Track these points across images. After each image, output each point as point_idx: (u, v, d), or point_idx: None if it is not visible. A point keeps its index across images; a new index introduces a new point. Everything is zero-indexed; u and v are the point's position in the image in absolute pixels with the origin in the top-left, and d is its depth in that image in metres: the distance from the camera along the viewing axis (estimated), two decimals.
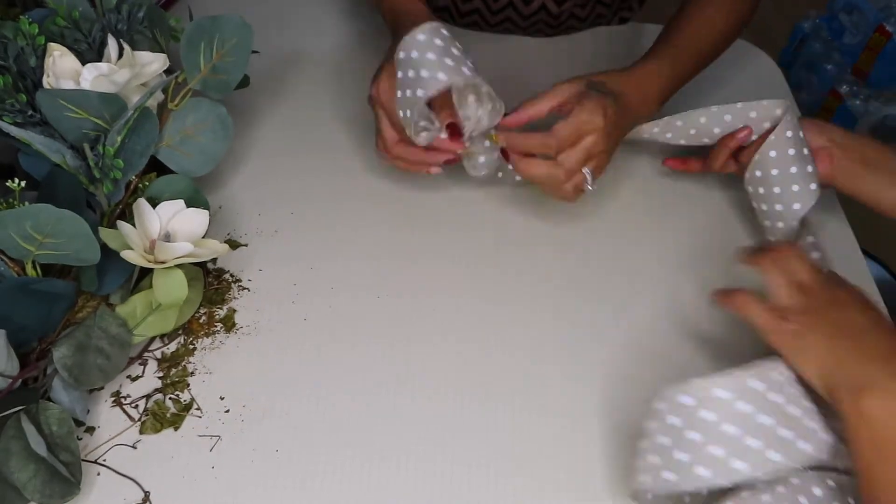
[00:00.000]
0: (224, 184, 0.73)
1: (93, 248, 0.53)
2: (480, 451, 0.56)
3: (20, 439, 0.49)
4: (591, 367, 0.62)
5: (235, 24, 0.64)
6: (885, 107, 1.89)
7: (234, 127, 0.66)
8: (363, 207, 0.72)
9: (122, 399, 0.57)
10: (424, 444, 0.56)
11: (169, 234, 0.58)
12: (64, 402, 0.53)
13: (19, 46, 0.59)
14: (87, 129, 0.58)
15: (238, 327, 0.62)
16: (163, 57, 0.63)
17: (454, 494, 0.53)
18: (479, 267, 0.68)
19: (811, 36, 2.07)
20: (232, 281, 0.65)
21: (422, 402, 0.58)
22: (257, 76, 0.71)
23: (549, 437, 0.57)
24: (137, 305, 0.58)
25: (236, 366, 0.59)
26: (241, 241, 0.68)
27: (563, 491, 0.54)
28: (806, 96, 2.07)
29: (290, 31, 0.89)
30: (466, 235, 0.70)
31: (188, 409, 0.56)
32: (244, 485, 0.53)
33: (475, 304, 0.65)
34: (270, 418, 0.56)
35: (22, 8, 0.69)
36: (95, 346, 0.55)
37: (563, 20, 0.90)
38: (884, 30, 1.84)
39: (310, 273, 0.66)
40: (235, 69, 0.65)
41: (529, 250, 0.70)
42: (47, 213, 0.50)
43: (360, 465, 0.54)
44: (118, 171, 0.58)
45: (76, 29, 0.62)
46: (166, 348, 0.60)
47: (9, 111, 0.58)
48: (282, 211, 0.71)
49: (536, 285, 0.67)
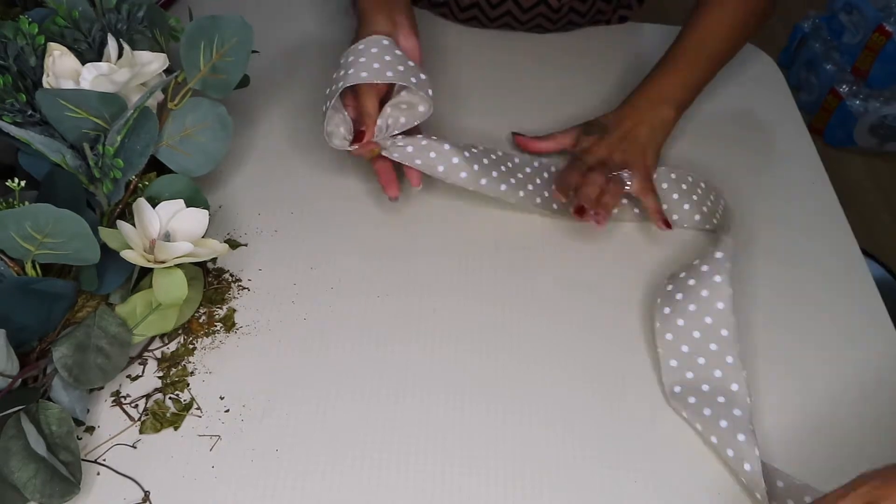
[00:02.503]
0: (224, 184, 0.72)
1: (93, 247, 0.53)
2: (481, 452, 0.56)
3: (20, 439, 0.49)
4: (591, 367, 0.62)
5: (235, 24, 0.64)
6: (884, 107, 1.90)
7: (234, 127, 0.66)
8: (363, 207, 0.72)
9: (122, 399, 0.57)
10: (424, 445, 0.56)
11: (169, 234, 0.58)
12: (64, 401, 0.53)
13: (19, 46, 0.59)
14: (86, 129, 0.58)
15: (238, 327, 0.62)
16: (163, 57, 0.63)
17: (454, 495, 0.53)
18: (479, 267, 0.68)
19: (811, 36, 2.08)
20: (232, 281, 0.65)
21: (422, 402, 0.58)
22: (257, 76, 0.71)
23: (550, 437, 0.57)
24: (137, 305, 0.58)
25: (236, 366, 0.59)
26: (241, 241, 0.68)
27: (563, 491, 0.54)
28: (806, 96, 2.07)
29: (290, 31, 0.89)
30: (467, 235, 0.70)
31: (188, 408, 0.56)
32: (244, 485, 0.53)
33: (475, 305, 0.65)
34: (270, 418, 0.56)
35: (22, 8, 0.69)
36: (95, 345, 0.55)
37: (563, 14, 0.90)
38: (883, 30, 1.85)
39: (310, 273, 0.66)
40: (235, 69, 0.65)
41: (530, 251, 0.70)
42: (47, 212, 0.50)
43: (359, 465, 0.54)
44: (118, 171, 0.58)
45: (76, 29, 0.62)
46: (166, 348, 0.60)
47: (9, 111, 0.58)
48: (282, 211, 0.71)
49: (537, 286, 0.67)
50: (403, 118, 0.68)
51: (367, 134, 0.67)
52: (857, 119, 1.91)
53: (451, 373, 0.60)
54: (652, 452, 0.57)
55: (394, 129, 0.67)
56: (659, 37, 0.96)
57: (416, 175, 0.68)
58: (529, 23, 0.91)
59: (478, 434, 0.57)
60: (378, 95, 0.68)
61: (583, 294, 0.67)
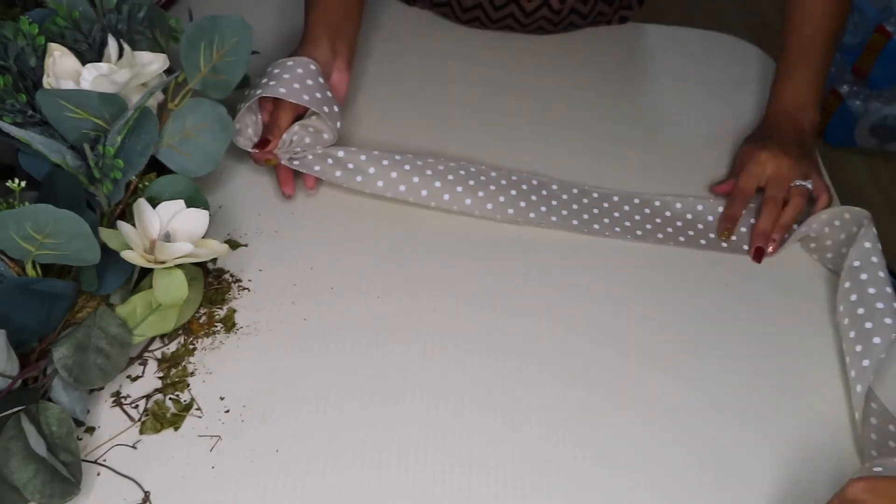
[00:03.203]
0: (224, 184, 0.73)
1: (93, 248, 0.53)
2: (481, 452, 0.56)
3: (20, 439, 0.49)
4: (591, 367, 0.62)
5: (235, 24, 0.64)
6: (885, 107, 1.89)
7: (233, 127, 0.66)
8: (363, 207, 0.72)
9: (122, 399, 0.57)
10: (424, 445, 0.56)
11: (169, 234, 0.58)
12: (64, 402, 0.53)
13: (19, 46, 0.59)
14: (87, 129, 0.58)
15: (238, 327, 0.62)
16: (163, 57, 0.63)
17: (454, 495, 0.53)
18: (479, 267, 0.68)
19: None
20: (232, 281, 0.65)
21: (422, 402, 0.58)
22: (257, 76, 0.71)
23: (550, 437, 0.57)
24: (137, 305, 0.58)
25: (236, 366, 0.59)
26: (241, 241, 0.68)
27: (563, 491, 0.54)
28: None
29: (290, 31, 0.89)
30: (467, 236, 0.70)
31: (188, 409, 0.56)
32: (244, 485, 0.53)
33: (476, 305, 0.65)
34: (270, 418, 0.56)
35: (22, 8, 0.69)
36: (95, 346, 0.55)
37: (564, 16, 0.90)
38: (884, 30, 1.84)
39: (310, 273, 0.66)
40: (235, 69, 0.65)
41: (531, 251, 0.70)
42: (47, 213, 0.50)
43: (360, 465, 0.54)
44: (118, 171, 0.58)
45: (76, 29, 0.62)
46: (166, 348, 0.60)
47: (9, 111, 0.58)
48: (282, 211, 0.71)
49: (537, 286, 0.67)
50: (308, 139, 0.70)
51: (271, 144, 0.69)
52: (858, 119, 1.91)
53: (451, 373, 0.60)
54: (652, 452, 0.57)
55: (296, 147, 0.70)
56: (659, 37, 0.97)
57: (312, 179, 0.71)
58: (531, 24, 0.91)
59: (478, 434, 0.57)
60: (294, 113, 0.70)
61: (583, 295, 0.67)
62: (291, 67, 0.69)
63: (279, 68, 0.70)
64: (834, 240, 0.70)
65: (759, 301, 0.68)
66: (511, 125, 0.81)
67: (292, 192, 0.72)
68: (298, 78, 0.69)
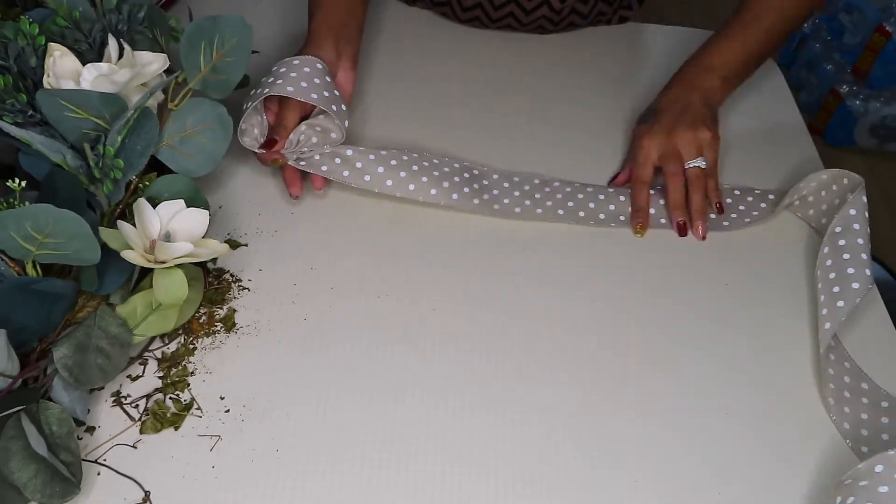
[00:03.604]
0: (224, 184, 0.73)
1: (93, 248, 0.53)
2: (481, 452, 0.56)
3: (20, 439, 0.49)
4: (591, 367, 0.62)
5: (235, 24, 0.64)
6: (884, 107, 1.90)
7: (234, 127, 0.66)
8: (363, 207, 0.72)
9: (122, 399, 0.57)
10: (424, 445, 0.56)
11: (169, 234, 0.58)
12: (64, 401, 0.53)
13: (20, 46, 0.59)
14: (87, 129, 0.58)
15: (238, 327, 0.62)
16: (163, 57, 0.63)
17: (454, 495, 0.53)
18: (479, 267, 0.68)
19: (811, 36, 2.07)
20: (232, 281, 0.65)
21: (422, 402, 0.58)
22: (257, 76, 0.71)
23: (550, 437, 0.57)
24: (137, 305, 0.58)
25: (236, 366, 0.59)
26: (241, 241, 0.68)
27: (563, 491, 0.54)
28: (806, 96, 2.07)
29: (290, 31, 0.89)
30: (467, 236, 0.70)
31: (188, 408, 0.56)
32: (244, 485, 0.53)
33: (476, 305, 0.65)
34: (270, 418, 0.56)
35: (22, 8, 0.69)
36: (95, 345, 0.55)
37: (564, 16, 0.90)
38: (884, 30, 1.84)
39: (310, 273, 0.66)
40: (235, 69, 0.65)
41: (531, 252, 0.70)
42: (47, 213, 0.50)
43: (360, 465, 0.54)
44: (118, 171, 0.58)
45: (76, 29, 0.62)
46: (166, 348, 0.60)
47: (9, 111, 0.58)
48: (282, 211, 0.71)
49: (537, 286, 0.67)
50: (315, 139, 0.69)
51: (278, 144, 0.68)
52: (858, 119, 1.91)
53: (451, 373, 0.60)
54: (652, 452, 0.57)
55: (303, 147, 0.69)
56: (659, 37, 0.97)
57: (320, 180, 0.71)
58: (531, 24, 0.91)
59: (478, 434, 0.57)
60: (300, 112, 0.70)
61: (583, 295, 0.67)
62: (298, 66, 0.69)
63: (286, 67, 0.69)
64: (829, 204, 0.70)
65: (759, 301, 0.68)
66: (511, 125, 0.81)
67: (300, 192, 0.71)
68: (306, 76, 0.68)
